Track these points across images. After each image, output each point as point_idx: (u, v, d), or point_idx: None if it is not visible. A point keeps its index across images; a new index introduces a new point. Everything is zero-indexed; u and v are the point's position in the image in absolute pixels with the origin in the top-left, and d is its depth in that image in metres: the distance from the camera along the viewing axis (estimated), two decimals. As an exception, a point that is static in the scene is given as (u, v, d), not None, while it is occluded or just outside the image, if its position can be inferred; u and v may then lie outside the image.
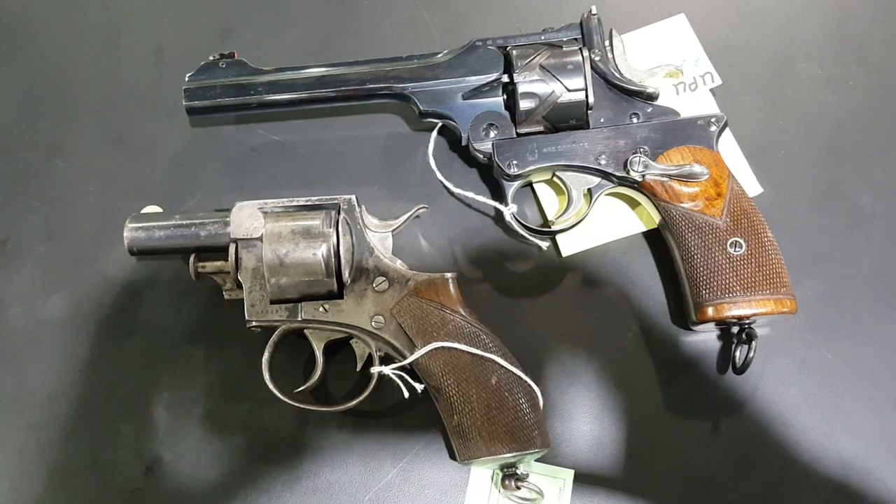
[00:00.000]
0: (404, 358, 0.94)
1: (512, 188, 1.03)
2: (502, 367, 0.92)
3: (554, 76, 0.99)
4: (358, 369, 0.98)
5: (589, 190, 1.02)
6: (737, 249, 0.95)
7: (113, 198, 1.13)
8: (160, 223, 0.98)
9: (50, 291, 1.10)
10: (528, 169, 1.01)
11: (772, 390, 1.01)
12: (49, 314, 1.09)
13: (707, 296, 0.95)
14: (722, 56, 1.13)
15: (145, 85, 1.19)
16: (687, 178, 0.97)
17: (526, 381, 0.93)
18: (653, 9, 1.17)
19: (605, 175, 1.01)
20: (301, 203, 0.98)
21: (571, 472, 0.98)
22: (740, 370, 0.97)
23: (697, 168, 0.96)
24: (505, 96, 1.03)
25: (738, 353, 0.99)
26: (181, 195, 1.13)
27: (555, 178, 1.03)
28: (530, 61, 1.00)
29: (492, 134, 1.03)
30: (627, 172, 0.99)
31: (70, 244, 1.12)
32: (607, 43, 1.03)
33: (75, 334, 1.07)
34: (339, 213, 0.97)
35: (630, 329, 1.04)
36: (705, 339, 1.03)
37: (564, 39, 1.03)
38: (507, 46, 1.03)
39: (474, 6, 1.21)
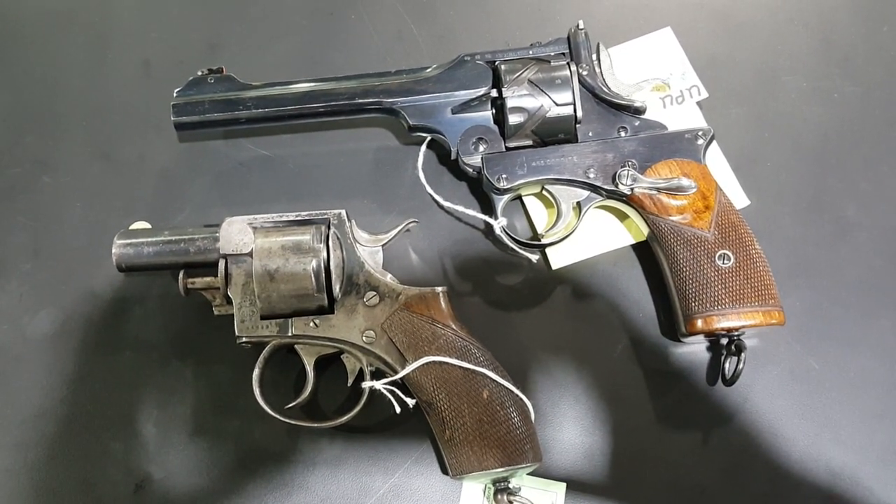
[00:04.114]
0: (395, 373, 0.94)
1: (501, 201, 1.04)
2: (493, 380, 0.92)
3: (542, 91, 1.00)
4: (349, 384, 0.98)
5: (578, 203, 1.03)
6: (725, 262, 0.96)
7: (100, 214, 1.13)
8: (149, 239, 0.97)
9: (37, 308, 1.09)
10: (517, 183, 1.01)
11: (761, 401, 1.01)
12: (36, 331, 1.08)
13: (696, 308, 0.96)
14: (708, 69, 1.14)
15: (133, 100, 1.19)
16: (675, 191, 0.98)
17: (517, 395, 0.93)
18: (639, 22, 1.18)
19: (593, 188, 1.02)
20: (291, 218, 0.98)
21: (563, 486, 0.98)
22: (730, 381, 0.98)
23: (685, 181, 0.97)
24: (494, 111, 1.04)
25: (727, 365, 1.00)
26: (170, 211, 1.12)
27: (544, 192, 1.04)
28: (519, 76, 1.01)
29: (481, 148, 1.03)
30: (616, 186, 0.99)
31: (57, 260, 1.11)
32: (594, 57, 1.04)
33: (63, 351, 1.06)
34: (328, 227, 0.97)
35: (620, 341, 1.04)
36: (695, 350, 1.04)
37: (552, 54, 1.04)
38: (495, 61, 1.04)
39: (462, 21, 1.21)
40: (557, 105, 1.00)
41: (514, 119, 1.00)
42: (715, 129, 1.03)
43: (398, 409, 0.95)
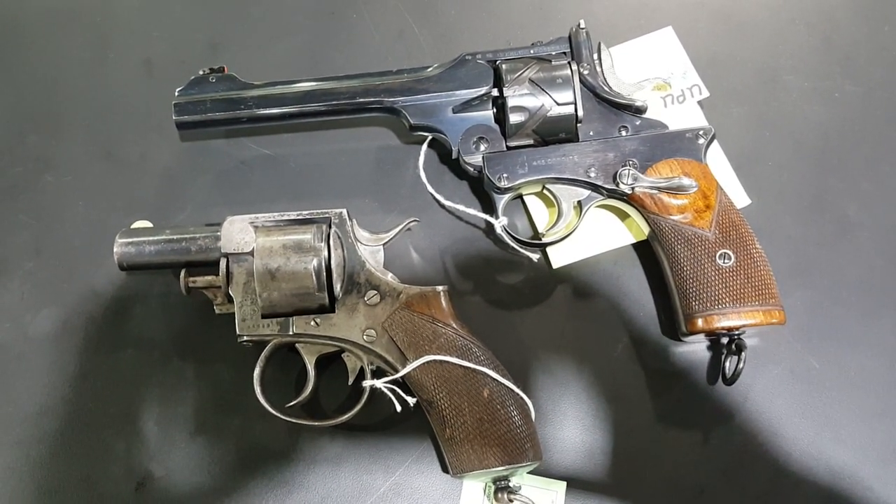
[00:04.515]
0: (396, 371, 0.94)
1: (502, 201, 1.04)
2: (494, 379, 0.92)
3: (543, 90, 1.00)
4: (350, 383, 0.98)
5: (579, 202, 1.03)
6: (726, 261, 0.96)
7: (102, 212, 1.13)
8: (150, 238, 0.98)
9: (39, 307, 1.09)
10: (518, 182, 1.01)
11: (761, 400, 1.01)
12: (38, 329, 1.08)
13: (697, 307, 0.96)
14: (709, 68, 1.14)
15: (134, 99, 1.19)
16: (676, 190, 0.98)
17: (518, 394, 0.93)
18: (640, 22, 1.18)
19: (594, 188, 1.02)
20: (292, 217, 0.98)
21: (563, 484, 0.99)
22: (730, 381, 0.98)
23: (686, 180, 0.97)
24: (495, 110, 1.04)
25: (727, 364, 1.00)
26: (171, 210, 1.12)
27: (545, 191, 1.04)
28: (520, 75, 1.01)
29: (482, 147, 1.03)
30: (617, 185, 0.99)
31: (59, 259, 1.11)
32: (595, 56, 1.04)
33: (65, 350, 1.07)
34: (329, 226, 0.97)
35: (620, 340, 1.04)
36: (695, 349, 1.04)
37: (553, 53, 1.04)
38: (496, 60, 1.04)
39: (463, 20, 1.21)
40: (558, 104, 1.00)
41: (515, 118, 1.01)
42: (716, 128, 1.03)
43: (399, 408, 0.95)
